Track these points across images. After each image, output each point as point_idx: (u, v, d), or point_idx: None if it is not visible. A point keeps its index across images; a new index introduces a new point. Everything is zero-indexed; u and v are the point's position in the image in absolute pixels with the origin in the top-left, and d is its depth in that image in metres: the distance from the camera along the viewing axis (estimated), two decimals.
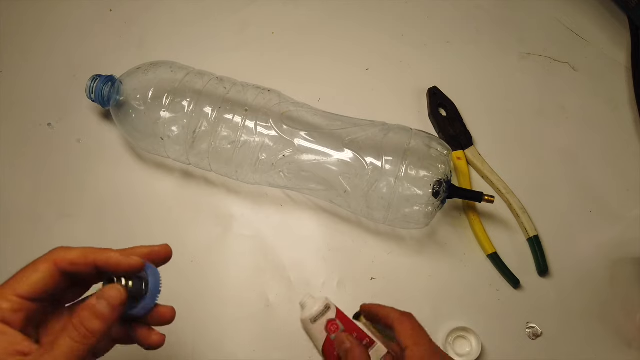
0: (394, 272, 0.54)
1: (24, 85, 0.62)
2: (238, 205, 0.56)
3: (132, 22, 0.65)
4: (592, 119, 0.62)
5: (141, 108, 0.52)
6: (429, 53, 0.65)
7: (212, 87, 0.53)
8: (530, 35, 0.66)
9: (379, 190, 0.50)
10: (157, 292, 0.35)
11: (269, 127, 0.52)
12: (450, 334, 0.51)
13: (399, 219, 0.51)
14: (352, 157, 0.51)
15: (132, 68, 0.55)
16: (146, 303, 0.34)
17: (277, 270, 0.54)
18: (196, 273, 0.53)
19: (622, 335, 0.53)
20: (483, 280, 0.54)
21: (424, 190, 0.49)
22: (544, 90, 0.63)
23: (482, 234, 0.55)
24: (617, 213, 0.57)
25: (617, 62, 0.65)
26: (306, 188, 0.53)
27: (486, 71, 0.64)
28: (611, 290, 0.54)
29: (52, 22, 0.65)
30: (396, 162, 0.49)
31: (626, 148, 0.61)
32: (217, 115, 0.51)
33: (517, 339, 0.52)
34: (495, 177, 0.57)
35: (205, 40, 0.64)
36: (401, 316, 0.40)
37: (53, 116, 0.60)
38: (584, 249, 0.56)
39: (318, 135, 0.52)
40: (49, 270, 0.32)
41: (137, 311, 0.34)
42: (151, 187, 0.57)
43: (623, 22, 0.66)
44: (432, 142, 0.51)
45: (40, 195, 0.56)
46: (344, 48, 0.64)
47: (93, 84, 0.54)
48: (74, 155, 0.58)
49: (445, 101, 0.61)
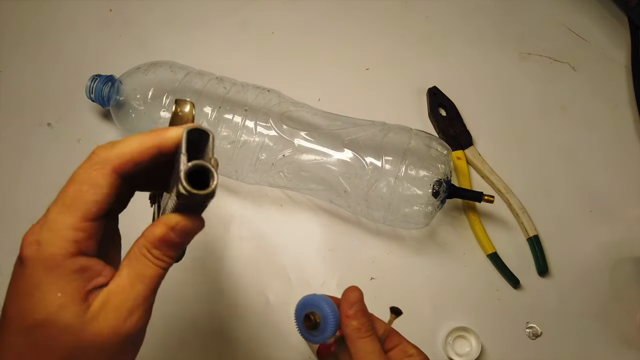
0: (394, 272, 0.54)
1: (24, 85, 0.62)
2: (238, 205, 0.56)
3: (132, 22, 0.65)
4: (592, 119, 0.62)
5: (141, 108, 0.52)
6: (429, 53, 0.64)
7: (212, 87, 0.53)
8: (530, 35, 0.66)
9: (378, 190, 0.50)
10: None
11: (268, 127, 0.52)
12: (450, 334, 0.51)
13: (399, 218, 0.51)
14: (352, 157, 0.51)
15: (132, 68, 0.55)
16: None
17: (277, 270, 0.54)
18: (196, 273, 0.53)
19: (622, 335, 0.53)
20: (483, 280, 0.54)
21: (423, 190, 0.49)
22: (544, 90, 0.63)
23: (482, 234, 0.55)
24: (617, 213, 0.57)
25: (617, 62, 0.65)
26: (306, 188, 0.53)
27: (486, 71, 0.64)
28: (611, 290, 0.54)
29: (52, 22, 0.65)
30: (396, 162, 0.49)
31: (626, 148, 0.61)
32: (217, 115, 0.51)
33: (517, 338, 0.52)
34: (495, 177, 0.57)
35: (205, 40, 0.64)
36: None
37: (53, 116, 0.60)
38: (584, 249, 0.56)
39: (318, 135, 0.52)
40: (112, 182, 0.27)
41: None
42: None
43: (623, 22, 0.66)
44: (432, 142, 0.51)
45: (40, 195, 0.56)
46: (344, 48, 0.64)
47: (93, 84, 0.54)
48: (74, 155, 0.58)
49: (445, 101, 0.61)
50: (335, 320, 0.36)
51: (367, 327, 0.37)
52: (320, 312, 0.36)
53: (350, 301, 0.37)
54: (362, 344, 0.36)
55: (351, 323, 0.36)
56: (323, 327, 0.36)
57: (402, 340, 0.38)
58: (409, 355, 0.37)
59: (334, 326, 0.36)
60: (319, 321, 0.36)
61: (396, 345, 0.38)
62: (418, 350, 0.38)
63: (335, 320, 0.36)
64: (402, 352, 0.38)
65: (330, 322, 0.36)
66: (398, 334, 0.39)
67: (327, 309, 0.36)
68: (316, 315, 0.37)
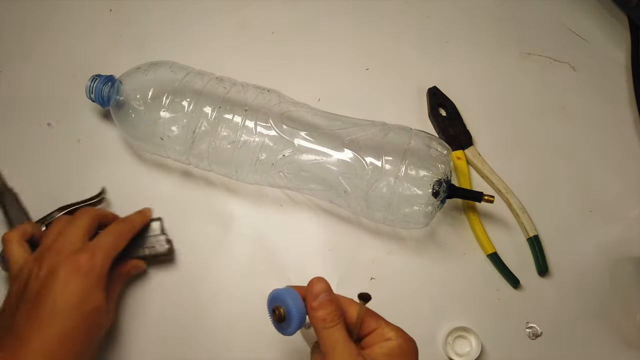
0: (394, 272, 0.54)
1: (24, 85, 0.62)
2: (238, 205, 0.56)
3: (132, 22, 0.65)
4: (592, 118, 0.62)
5: (141, 108, 0.52)
6: (429, 53, 0.65)
7: (212, 87, 0.53)
8: (530, 35, 0.66)
9: (378, 190, 0.50)
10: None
11: (268, 127, 0.52)
12: (450, 334, 0.51)
13: (399, 218, 0.51)
14: (352, 157, 0.51)
15: (132, 68, 0.55)
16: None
17: (277, 270, 0.54)
18: (196, 273, 0.53)
19: (622, 335, 0.53)
20: (483, 280, 0.54)
21: (423, 190, 0.49)
22: (544, 90, 0.63)
23: (482, 234, 0.55)
24: (617, 213, 0.57)
25: (617, 62, 0.65)
26: (306, 188, 0.53)
27: (486, 71, 0.64)
28: (611, 290, 0.54)
29: (52, 22, 0.65)
30: (396, 162, 0.49)
31: (626, 148, 0.61)
32: (217, 115, 0.51)
33: (517, 338, 0.52)
34: (495, 177, 0.57)
35: (205, 40, 0.64)
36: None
37: (53, 116, 0.60)
38: (584, 249, 0.56)
39: (318, 135, 0.52)
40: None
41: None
42: (151, 187, 0.57)
43: (623, 22, 0.66)
44: (432, 142, 0.51)
45: (40, 196, 0.56)
46: (344, 48, 0.64)
47: (93, 84, 0.54)
48: (74, 155, 0.58)
49: (445, 101, 0.61)
50: (299, 313, 0.37)
51: (333, 317, 0.36)
52: (285, 306, 0.37)
53: (313, 293, 0.37)
54: (327, 334, 0.36)
55: (316, 314, 0.37)
56: (289, 321, 0.37)
57: (381, 324, 0.38)
58: (386, 339, 0.37)
59: (298, 319, 0.37)
60: (284, 315, 0.37)
61: (374, 330, 0.38)
62: (398, 332, 0.37)
63: (299, 313, 0.37)
64: (379, 336, 0.37)
65: (294, 315, 0.37)
66: (376, 318, 0.38)
67: (290, 303, 0.37)
68: (281, 309, 0.37)
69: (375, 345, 0.37)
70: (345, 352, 0.35)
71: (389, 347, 0.36)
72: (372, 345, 0.37)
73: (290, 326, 0.37)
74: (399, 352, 0.36)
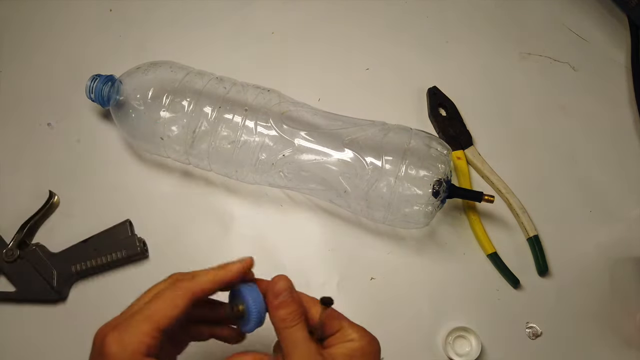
0: (394, 272, 0.54)
1: (24, 85, 0.62)
2: (238, 205, 0.56)
3: (132, 22, 0.65)
4: (592, 119, 0.62)
5: (141, 108, 0.52)
6: (429, 53, 0.64)
7: (212, 87, 0.53)
8: (530, 35, 0.66)
9: (379, 190, 0.50)
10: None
11: (269, 126, 0.52)
12: (450, 334, 0.51)
13: (399, 218, 0.51)
14: (352, 157, 0.51)
15: (131, 68, 0.55)
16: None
17: (277, 270, 0.53)
18: None
19: (622, 335, 0.53)
20: (483, 280, 0.54)
21: (423, 190, 0.49)
22: (544, 90, 0.63)
23: (482, 233, 0.55)
24: (617, 213, 0.57)
25: (617, 62, 0.65)
26: (306, 188, 0.53)
27: (486, 71, 0.64)
28: (611, 290, 0.54)
29: (52, 22, 0.65)
30: (396, 162, 0.49)
31: (626, 148, 0.61)
32: (217, 115, 0.51)
33: (517, 338, 0.52)
34: (495, 177, 0.57)
35: (205, 40, 0.64)
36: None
37: (53, 116, 0.60)
38: (584, 249, 0.56)
39: (318, 135, 0.52)
40: (187, 305, 0.35)
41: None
42: (151, 187, 0.57)
43: (623, 22, 0.66)
44: (432, 142, 0.51)
45: (40, 196, 0.56)
46: (344, 48, 0.64)
47: (93, 84, 0.54)
48: (74, 155, 0.58)
49: (445, 101, 0.61)
50: (257, 311, 0.37)
51: (294, 317, 0.36)
52: (245, 304, 0.37)
53: (274, 291, 0.37)
54: (288, 334, 0.36)
55: (277, 313, 0.36)
56: (247, 318, 0.37)
57: (344, 325, 0.37)
58: (349, 340, 0.36)
59: (257, 316, 0.37)
60: (243, 312, 0.37)
61: (337, 331, 0.37)
62: (361, 333, 0.37)
63: (258, 310, 0.37)
64: (341, 336, 0.37)
65: (253, 313, 0.37)
66: (340, 319, 0.38)
67: (250, 301, 0.37)
68: (240, 307, 0.37)
69: (337, 345, 0.37)
70: (304, 352, 0.35)
71: (351, 348, 0.36)
72: (333, 345, 0.37)
73: (249, 323, 0.37)
74: (360, 353, 0.36)
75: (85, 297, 0.53)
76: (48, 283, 0.52)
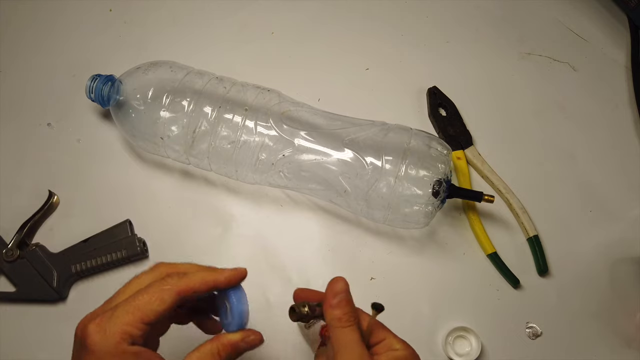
0: (394, 272, 0.54)
1: (24, 85, 0.62)
2: (238, 205, 0.56)
3: (132, 22, 0.65)
4: (592, 119, 0.62)
5: (141, 108, 0.52)
6: (429, 53, 0.64)
7: (211, 86, 0.53)
8: (530, 35, 0.66)
9: (378, 190, 0.50)
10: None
11: (269, 126, 0.52)
12: (450, 334, 0.51)
13: (399, 218, 0.51)
14: (352, 157, 0.51)
15: (132, 68, 0.55)
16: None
17: (277, 270, 0.54)
18: None
19: (622, 335, 0.53)
20: (483, 280, 0.54)
21: (423, 190, 0.49)
22: (544, 90, 0.63)
23: (482, 233, 0.55)
24: (617, 213, 0.57)
25: (617, 62, 0.65)
26: (306, 188, 0.53)
27: (486, 71, 0.64)
28: (611, 290, 0.54)
29: (52, 22, 0.65)
30: (396, 162, 0.49)
31: (626, 148, 0.61)
32: (217, 115, 0.51)
33: (517, 338, 0.52)
34: (495, 177, 0.57)
35: (205, 40, 0.64)
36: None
37: (53, 116, 0.60)
38: (584, 249, 0.56)
39: (318, 135, 0.52)
40: (174, 302, 0.35)
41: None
42: (151, 187, 0.57)
43: (623, 22, 0.66)
44: (432, 142, 0.51)
45: (40, 196, 0.56)
46: (344, 48, 0.64)
47: (93, 84, 0.54)
48: (74, 155, 0.58)
49: (445, 101, 0.61)
50: (240, 312, 0.38)
51: (349, 317, 0.37)
52: (229, 302, 0.38)
53: (335, 291, 0.38)
54: (342, 333, 0.37)
55: (334, 312, 0.37)
56: (231, 318, 0.38)
57: (388, 335, 0.38)
58: (394, 349, 0.37)
59: (239, 317, 0.38)
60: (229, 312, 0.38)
61: (382, 340, 0.38)
62: (404, 345, 0.38)
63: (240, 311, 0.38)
64: (387, 346, 0.38)
65: (235, 313, 0.38)
66: (384, 329, 0.39)
67: (234, 301, 0.38)
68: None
69: (383, 353, 0.38)
70: (356, 353, 0.36)
71: (397, 357, 0.37)
72: (380, 354, 0.38)
73: (230, 326, 0.38)
74: None
75: (85, 297, 0.53)
76: (48, 283, 0.52)
